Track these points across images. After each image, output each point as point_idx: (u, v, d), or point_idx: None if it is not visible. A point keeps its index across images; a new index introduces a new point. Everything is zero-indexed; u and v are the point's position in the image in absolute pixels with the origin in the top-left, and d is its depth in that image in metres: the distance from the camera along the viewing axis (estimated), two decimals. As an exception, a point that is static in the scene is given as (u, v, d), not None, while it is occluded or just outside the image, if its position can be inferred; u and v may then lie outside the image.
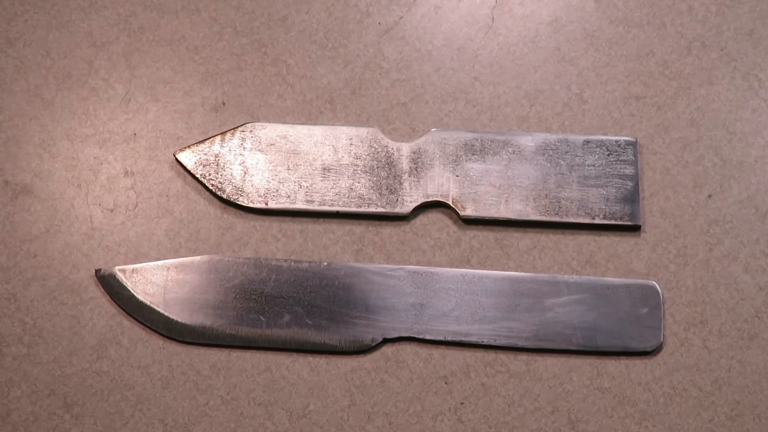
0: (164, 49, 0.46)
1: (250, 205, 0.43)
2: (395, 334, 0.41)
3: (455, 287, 0.41)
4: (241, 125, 0.44)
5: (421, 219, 0.43)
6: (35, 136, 0.45)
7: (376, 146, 0.43)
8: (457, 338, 0.41)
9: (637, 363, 0.41)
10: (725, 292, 0.42)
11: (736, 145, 0.44)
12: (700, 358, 0.41)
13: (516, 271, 0.42)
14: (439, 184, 0.43)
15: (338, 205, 0.43)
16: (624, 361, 0.41)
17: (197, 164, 0.43)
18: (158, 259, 0.43)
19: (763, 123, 0.44)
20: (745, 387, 0.40)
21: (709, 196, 0.43)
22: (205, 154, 0.43)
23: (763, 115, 0.45)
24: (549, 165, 0.43)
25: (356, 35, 0.46)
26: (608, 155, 0.43)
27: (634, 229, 0.43)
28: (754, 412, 0.40)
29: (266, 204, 0.43)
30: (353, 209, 0.43)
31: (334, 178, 0.43)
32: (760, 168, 0.44)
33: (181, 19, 0.46)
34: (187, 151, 0.44)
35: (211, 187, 0.43)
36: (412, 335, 0.41)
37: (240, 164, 0.43)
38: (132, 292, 0.41)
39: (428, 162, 0.43)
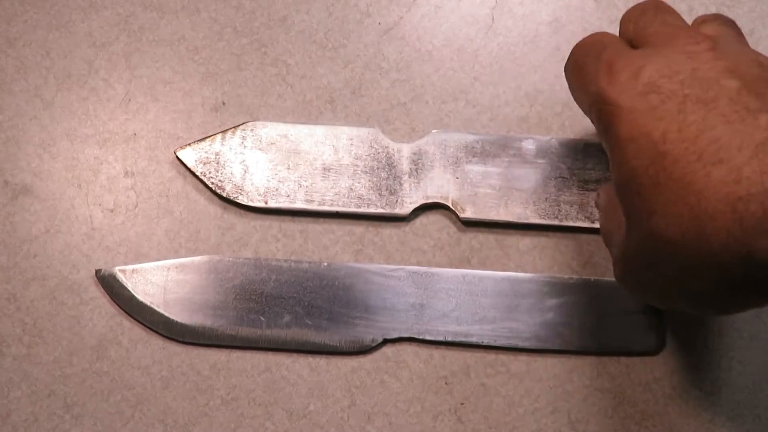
0: (164, 49, 0.46)
1: (250, 203, 0.43)
2: (395, 335, 0.41)
3: (455, 288, 0.41)
4: (242, 123, 0.44)
5: (421, 219, 0.43)
6: (35, 136, 0.45)
7: (377, 147, 0.43)
8: (458, 339, 0.41)
9: (637, 363, 0.41)
10: (725, 292, 0.42)
11: (736, 145, 0.44)
12: (701, 358, 0.41)
13: (516, 272, 0.42)
14: (439, 186, 0.43)
15: (338, 205, 0.43)
16: (624, 361, 0.41)
17: (197, 162, 0.43)
18: (158, 260, 0.43)
19: (763, 123, 0.44)
20: (746, 388, 0.40)
21: (709, 196, 0.43)
22: (206, 152, 0.43)
23: (763, 116, 0.45)
24: (549, 168, 0.43)
25: (356, 35, 0.46)
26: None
27: (634, 229, 0.43)
28: (754, 412, 0.40)
29: (266, 203, 0.43)
30: (353, 209, 0.43)
31: (334, 178, 0.43)
32: (760, 168, 0.44)
33: (181, 19, 0.46)
34: (188, 148, 0.44)
35: (211, 185, 0.43)
36: (412, 335, 0.41)
37: (240, 163, 0.43)
38: (132, 292, 0.41)
39: (428, 163, 0.43)
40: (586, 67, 0.33)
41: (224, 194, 0.43)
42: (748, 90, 0.27)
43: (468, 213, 0.42)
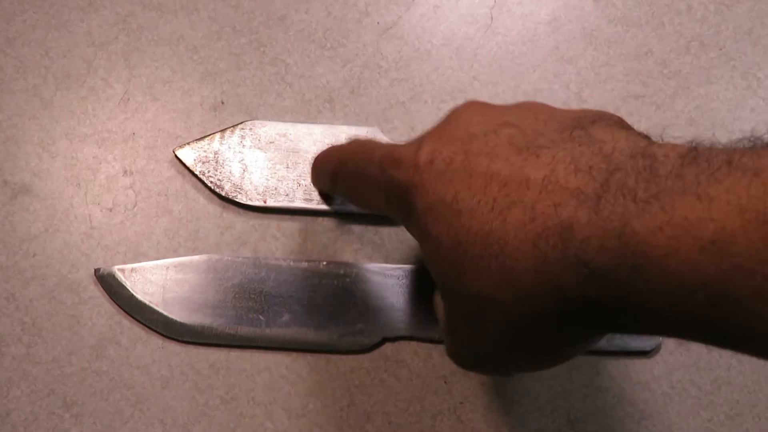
0: (163, 49, 0.46)
1: (249, 202, 0.43)
2: (395, 334, 0.41)
3: (455, 286, 0.41)
4: (241, 122, 0.44)
5: (421, 218, 0.43)
6: (34, 135, 0.45)
7: (376, 145, 0.43)
8: (457, 337, 0.41)
9: (637, 363, 0.41)
10: (724, 291, 0.42)
11: (736, 144, 0.44)
12: (700, 357, 0.41)
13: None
14: (439, 184, 0.43)
15: (337, 204, 0.43)
16: (624, 361, 0.41)
17: (196, 161, 0.43)
18: (157, 259, 0.43)
19: (761, 122, 0.44)
20: (745, 387, 0.40)
21: (709, 195, 0.43)
22: (205, 151, 0.43)
23: (761, 114, 0.45)
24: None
25: (355, 35, 0.46)
26: (607, 154, 0.43)
27: (634, 228, 0.43)
28: (753, 411, 0.40)
29: (265, 202, 0.43)
30: (352, 209, 0.43)
31: (333, 177, 0.43)
32: (760, 167, 0.44)
33: (180, 18, 0.46)
34: (187, 147, 0.44)
35: (209, 184, 0.43)
36: (411, 335, 0.41)
37: (239, 162, 0.43)
38: (131, 291, 0.41)
39: (427, 161, 0.43)
40: (365, 173, 0.33)
41: (223, 193, 0.43)
42: (527, 133, 0.27)
43: (467, 212, 0.42)
